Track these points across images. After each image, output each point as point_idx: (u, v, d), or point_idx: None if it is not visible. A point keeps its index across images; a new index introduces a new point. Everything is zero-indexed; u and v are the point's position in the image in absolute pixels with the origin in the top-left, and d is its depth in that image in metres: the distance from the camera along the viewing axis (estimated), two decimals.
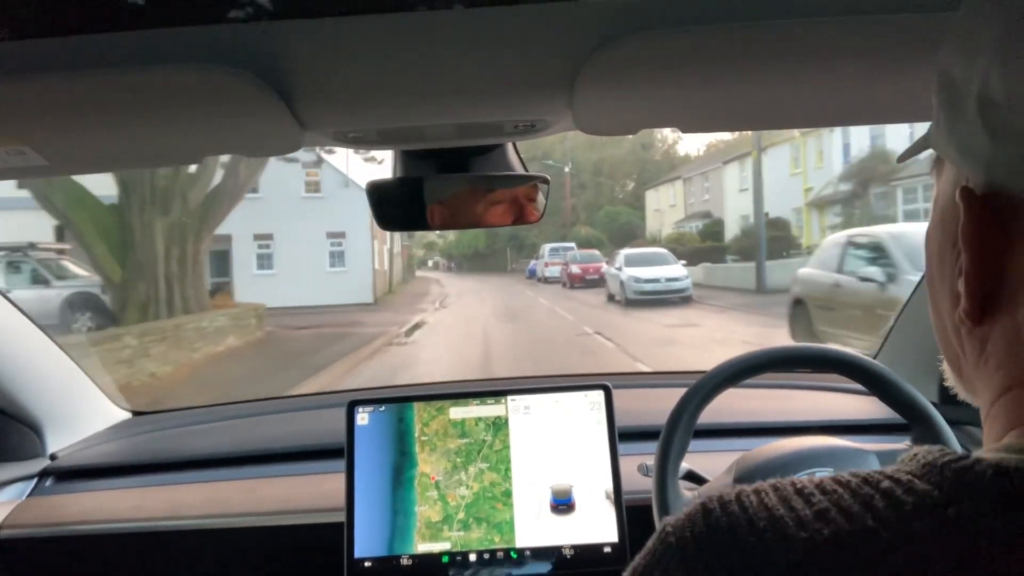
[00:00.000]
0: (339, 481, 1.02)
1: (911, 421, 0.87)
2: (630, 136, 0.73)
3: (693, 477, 0.90)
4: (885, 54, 0.54)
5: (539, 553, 0.97)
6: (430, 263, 49.14)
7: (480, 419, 1.03)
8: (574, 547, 0.97)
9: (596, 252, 20.77)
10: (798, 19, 0.49)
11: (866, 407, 1.23)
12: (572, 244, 23.62)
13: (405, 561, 0.98)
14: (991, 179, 0.32)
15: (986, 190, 0.32)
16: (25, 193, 9.55)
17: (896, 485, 0.30)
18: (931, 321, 0.41)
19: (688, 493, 0.86)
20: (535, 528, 0.98)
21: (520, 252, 35.47)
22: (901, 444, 0.87)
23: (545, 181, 0.89)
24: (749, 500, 0.32)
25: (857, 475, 0.31)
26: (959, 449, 0.85)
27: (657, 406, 1.02)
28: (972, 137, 0.32)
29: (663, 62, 0.54)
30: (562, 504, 0.99)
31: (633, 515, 0.96)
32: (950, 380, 0.42)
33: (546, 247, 23.79)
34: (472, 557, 0.98)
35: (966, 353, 0.36)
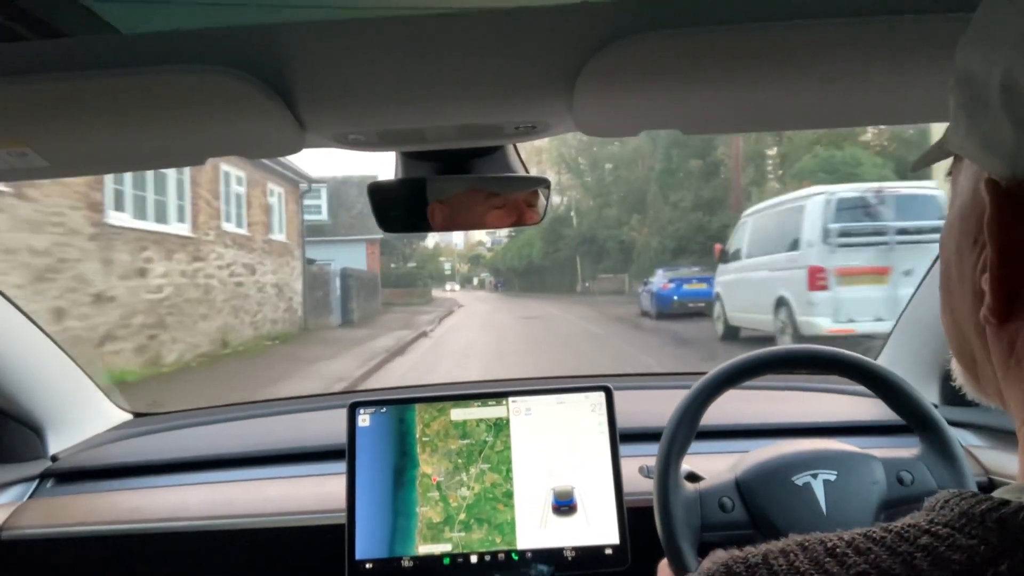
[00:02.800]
0: (340, 482, 1.02)
1: (914, 424, 0.87)
2: None
3: (694, 479, 0.90)
4: (887, 55, 0.54)
5: (540, 555, 0.97)
6: (475, 280, 40.08)
7: (481, 420, 1.03)
8: (575, 549, 0.97)
9: None
10: (799, 20, 0.49)
11: (867, 409, 1.22)
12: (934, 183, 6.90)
13: (406, 563, 0.97)
14: (1016, 170, 0.31)
15: (1011, 182, 0.31)
16: None
17: (937, 541, 0.28)
18: (944, 324, 0.40)
19: (690, 489, 0.85)
20: (536, 529, 0.98)
21: (598, 261, 22.85)
22: (907, 451, 0.87)
23: (546, 183, 0.89)
24: (778, 563, 0.30)
25: (889, 530, 0.30)
26: (963, 456, 0.85)
27: (658, 407, 1.02)
28: (996, 129, 0.31)
29: (663, 64, 0.54)
30: (564, 505, 0.99)
31: (634, 517, 0.96)
32: (962, 383, 0.40)
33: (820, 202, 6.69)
34: (473, 559, 0.97)
35: (991, 355, 0.35)
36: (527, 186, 0.88)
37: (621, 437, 1.01)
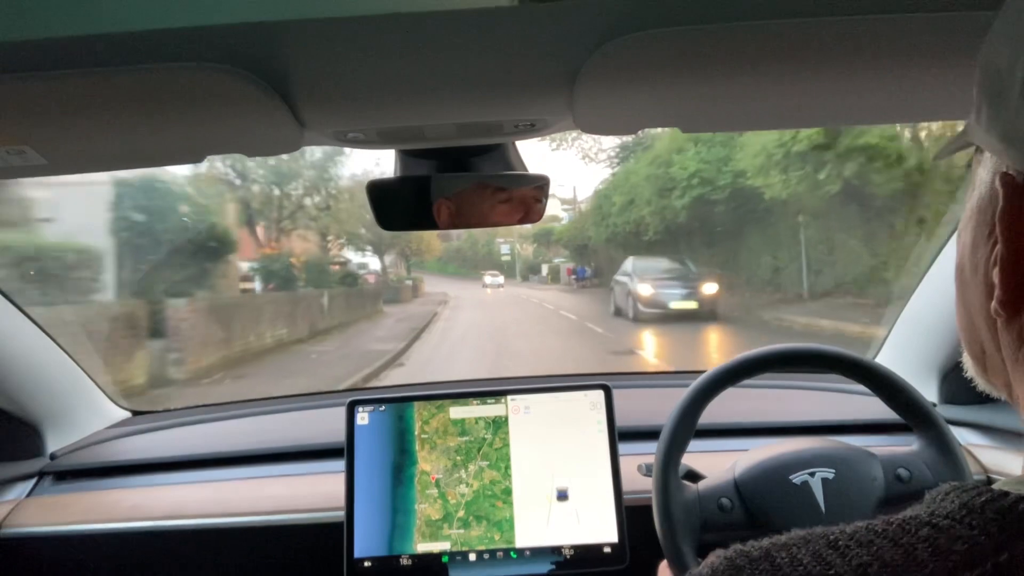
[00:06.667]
0: (339, 480, 1.02)
1: (911, 420, 0.87)
2: None
3: (693, 476, 0.90)
4: (886, 53, 0.54)
5: (539, 553, 0.97)
6: (544, 270, 26.98)
7: (480, 418, 1.03)
8: (574, 547, 0.97)
9: None
10: (798, 19, 0.49)
11: (866, 407, 1.23)
12: None
13: (405, 561, 0.97)
14: None
15: None
16: None
17: (937, 532, 0.28)
18: (957, 314, 0.40)
19: (689, 490, 0.86)
20: (535, 527, 0.98)
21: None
22: (905, 448, 0.87)
23: (546, 181, 0.89)
24: (780, 556, 0.30)
25: (891, 522, 0.30)
26: (961, 452, 0.85)
27: (657, 406, 1.02)
28: (1017, 123, 0.31)
29: (663, 62, 0.54)
30: (562, 504, 0.99)
31: (633, 515, 0.96)
32: (972, 374, 0.40)
33: None
34: (472, 557, 0.97)
35: (1001, 347, 0.35)
36: (527, 184, 0.88)
37: (620, 435, 1.01)
